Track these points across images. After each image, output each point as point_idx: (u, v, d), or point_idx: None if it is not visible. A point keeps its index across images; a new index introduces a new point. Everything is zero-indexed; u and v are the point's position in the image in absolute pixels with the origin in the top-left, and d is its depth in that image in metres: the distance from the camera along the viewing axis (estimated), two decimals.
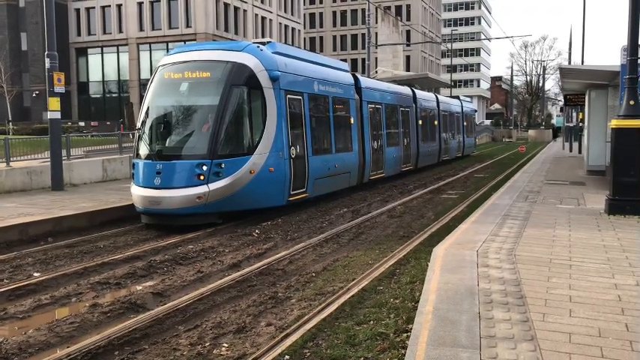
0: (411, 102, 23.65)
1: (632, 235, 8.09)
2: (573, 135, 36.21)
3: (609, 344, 4.17)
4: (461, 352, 4.02)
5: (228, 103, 11.42)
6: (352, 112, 16.84)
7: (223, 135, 11.35)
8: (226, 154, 11.30)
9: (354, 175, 16.81)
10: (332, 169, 15.02)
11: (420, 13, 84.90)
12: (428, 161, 25.93)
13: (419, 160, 24.13)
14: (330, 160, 15.04)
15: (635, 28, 9.60)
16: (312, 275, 7.83)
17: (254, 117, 12.06)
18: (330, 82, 15.53)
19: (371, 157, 17.95)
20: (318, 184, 14.15)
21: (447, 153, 29.50)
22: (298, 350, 5.12)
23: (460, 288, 5.52)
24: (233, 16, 56.52)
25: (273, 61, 12.61)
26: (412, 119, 23.46)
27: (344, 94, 16.45)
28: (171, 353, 5.24)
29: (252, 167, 11.57)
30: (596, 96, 17.98)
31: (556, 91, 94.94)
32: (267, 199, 12.20)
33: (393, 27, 58.54)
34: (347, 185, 16.35)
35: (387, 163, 19.71)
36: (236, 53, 12.02)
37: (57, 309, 6.68)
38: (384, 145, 19.47)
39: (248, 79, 11.80)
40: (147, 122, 12.04)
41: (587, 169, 18.41)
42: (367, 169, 17.73)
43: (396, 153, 21.01)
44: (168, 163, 11.18)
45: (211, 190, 10.95)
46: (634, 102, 9.58)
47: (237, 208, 11.68)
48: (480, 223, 9.09)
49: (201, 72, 11.78)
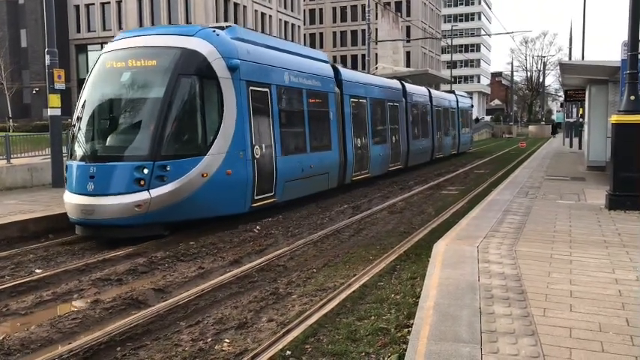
0: (401, 96, 22.19)
1: (632, 231, 8.10)
2: (573, 130, 36.19)
3: (610, 339, 4.18)
4: (462, 347, 4.03)
5: (175, 95, 9.98)
6: (331, 107, 15.43)
7: (169, 133, 9.90)
8: (172, 154, 9.86)
9: (334, 176, 15.39)
10: (307, 170, 13.58)
11: (419, 9, 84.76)
12: (420, 159, 24.47)
13: (409, 158, 22.60)
14: (305, 160, 13.61)
15: (636, 23, 9.58)
16: (313, 271, 7.84)
17: (208, 112, 10.54)
18: (305, 74, 14.05)
19: (354, 156, 16.53)
20: (289, 187, 12.74)
21: (440, 150, 28.10)
22: (300, 346, 5.13)
23: (461, 283, 5.53)
24: (233, 12, 56.46)
25: (232, 48, 11.11)
26: (402, 115, 21.98)
27: (321, 87, 14.96)
28: (173, 349, 5.26)
29: (205, 169, 10.13)
30: (597, 91, 17.96)
31: (556, 87, 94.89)
32: (225, 205, 10.76)
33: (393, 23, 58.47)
34: (325, 187, 14.93)
35: (373, 163, 18.20)
36: (187, 38, 10.58)
37: (59, 305, 6.69)
38: (369, 143, 17.96)
39: (200, 67, 10.36)
40: (82, 118, 10.50)
41: (588, 165, 18.40)
42: (349, 168, 16.24)
43: (383, 151, 19.48)
44: (103, 166, 9.72)
45: (153, 197, 9.51)
46: (634, 97, 9.57)
47: (188, 217, 10.25)
48: (481, 219, 9.09)
49: (146, 60, 10.29)
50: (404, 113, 22.25)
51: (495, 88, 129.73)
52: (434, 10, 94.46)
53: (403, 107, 22.18)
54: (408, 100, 22.91)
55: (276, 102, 12.45)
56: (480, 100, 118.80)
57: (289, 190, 12.81)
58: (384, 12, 58.10)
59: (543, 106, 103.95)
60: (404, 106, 22.28)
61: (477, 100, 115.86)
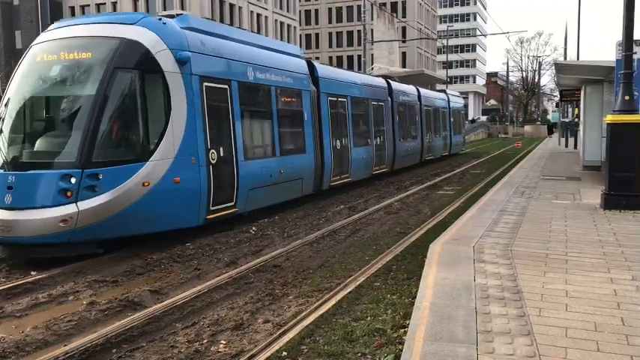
0: (386, 95, 20.86)
1: (627, 230, 8.13)
2: (569, 130, 36.31)
3: (605, 338, 4.19)
4: (458, 347, 4.03)
5: (110, 92, 8.74)
6: (306, 107, 14.13)
7: (102, 136, 8.63)
8: (106, 161, 8.59)
9: (309, 182, 14.19)
10: (276, 175, 12.34)
11: (415, 10, 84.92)
12: (407, 162, 23.21)
13: (396, 160, 21.43)
14: (274, 164, 12.39)
15: (630, 23, 9.62)
16: (309, 272, 7.84)
17: (151, 111, 9.25)
18: (274, 70, 12.72)
19: (332, 160, 15.32)
20: (255, 195, 11.49)
21: (430, 152, 26.89)
22: (296, 347, 5.12)
23: (457, 283, 5.53)
24: (228, 13, 56.43)
25: (182, 38, 9.84)
26: (387, 114, 20.71)
27: (294, 85, 13.63)
28: (169, 350, 5.25)
29: (147, 178, 8.86)
30: (592, 91, 18.02)
31: (552, 87, 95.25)
32: (172, 218, 9.46)
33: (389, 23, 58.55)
34: (299, 194, 13.74)
35: (355, 166, 16.98)
36: (127, 27, 9.30)
37: (54, 307, 6.66)
38: (350, 145, 16.73)
39: (141, 60, 9.11)
40: (5, 120, 9.19)
41: (583, 165, 18.46)
42: (327, 173, 15.08)
43: (367, 154, 18.23)
44: (23, 175, 8.37)
45: (82, 210, 8.19)
46: (629, 97, 9.61)
47: (127, 232, 8.94)
48: (477, 219, 9.11)
49: (80, 52, 8.99)
50: (390, 113, 21.07)
51: (491, 89, 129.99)
52: (429, 11, 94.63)
53: (389, 107, 21.00)
54: (395, 99, 21.80)
55: (237, 100, 11.09)
56: (475, 101, 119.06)
57: (255, 199, 11.59)
58: (379, 13, 58.17)
59: (539, 106, 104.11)
60: (390, 106, 21.12)
61: (473, 101, 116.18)
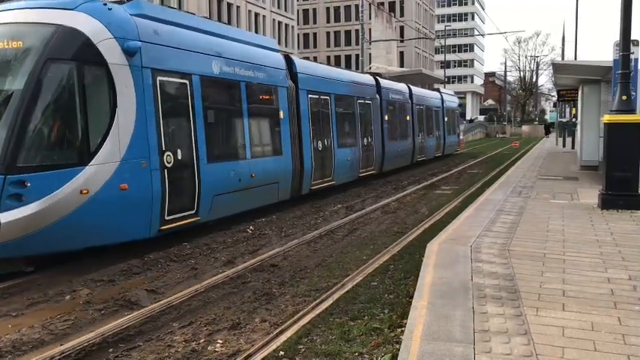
0: (374, 93, 19.74)
1: (624, 230, 8.13)
2: (566, 130, 36.36)
3: (602, 338, 4.19)
4: (455, 347, 4.03)
5: (42, 86, 7.71)
6: (282, 104, 12.97)
7: (30, 136, 7.58)
8: (35, 165, 7.55)
9: (286, 186, 13.05)
10: (246, 180, 11.20)
11: (413, 9, 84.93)
12: (398, 163, 22.09)
13: (385, 162, 20.27)
14: (243, 167, 11.26)
15: (628, 23, 9.63)
16: (306, 271, 7.83)
17: (92, 108, 8.16)
18: (245, 63, 11.54)
19: (312, 162, 14.26)
20: (220, 202, 10.36)
21: (422, 153, 25.85)
22: (293, 346, 5.12)
23: (454, 283, 5.53)
24: (226, 12, 56.36)
25: (131, 27, 8.71)
26: (375, 113, 19.57)
27: (268, 80, 12.39)
28: (166, 350, 5.24)
29: (86, 185, 7.78)
30: (589, 91, 18.04)
31: (549, 87, 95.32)
32: (118, 231, 8.39)
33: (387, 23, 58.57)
34: (274, 200, 12.62)
35: (339, 168, 15.86)
36: (65, 13, 8.18)
37: (50, 306, 6.64)
38: (333, 146, 15.59)
39: (80, 50, 8.02)
40: None
41: (581, 164, 18.47)
42: (306, 176, 14.00)
43: (352, 155, 17.07)
44: None
45: (4, 222, 7.12)
46: (626, 97, 9.62)
47: (61, 248, 7.95)
48: (474, 219, 9.11)
49: (9, 41, 7.96)
50: (378, 112, 20.00)
51: (489, 88, 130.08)
52: (427, 11, 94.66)
53: (377, 105, 19.92)
54: (384, 97, 20.70)
55: (199, 97, 9.95)
56: (473, 100, 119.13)
57: (221, 206, 10.46)
58: (377, 12, 58.18)
59: (536, 106, 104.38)
60: (378, 104, 20.00)
61: (471, 100, 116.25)
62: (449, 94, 34.63)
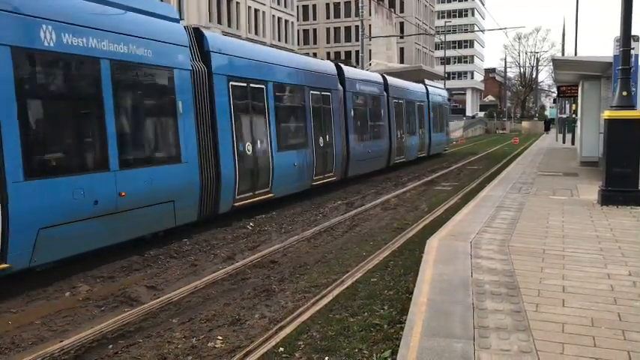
0: (335, 83, 16.56)
1: (624, 226, 8.13)
2: (566, 126, 36.32)
3: (602, 334, 4.18)
4: (455, 343, 4.03)
5: None
6: (181, 93, 9.70)
7: None
8: None
9: (188, 205, 9.75)
10: (108, 202, 7.92)
11: (413, 5, 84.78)
12: (368, 167, 18.93)
13: (350, 166, 17.19)
14: (101, 185, 7.89)
15: (628, 18, 9.60)
16: (306, 267, 7.83)
17: None
18: (108, 34, 8.19)
19: (236, 170, 11.05)
20: (54, 239, 7.22)
21: (402, 153, 22.69)
22: (292, 342, 5.12)
23: (454, 279, 5.52)
24: (226, 8, 56.26)
25: None
26: (337, 108, 16.44)
27: (155, 59, 9.10)
28: (165, 346, 5.24)
29: None
30: (589, 87, 18.01)
31: (549, 83, 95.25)
32: None
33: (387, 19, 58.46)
34: (169, 224, 9.42)
35: (280, 177, 12.65)
36: None
37: (50, 303, 6.64)
38: (270, 149, 12.41)
39: None
40: None
41: (581, 160, 18.46)
42: (226, 190, 10.75)
43: (301, 159, 13.92)
44: None
45: None
46: (627, 93, 9.59)
47: None
48: (474, 215, 9.10)
49: None
50: (341, 106, 16.80)
51: (489, 85, 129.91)
52: (427, 7, 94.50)
53: (340, 98, 16.75)
54: (349, 88, 17.48)
55: (13, 79, 6.79)
56: (473, 97, 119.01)
57: (58, 244, 7.31)
58: (377, 8, 58.06)
59: (536, 102, 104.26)
60: (341, 97, 16.86)
61: (471, 97, 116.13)
62: (436, 86, 31.53)
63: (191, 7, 51.95)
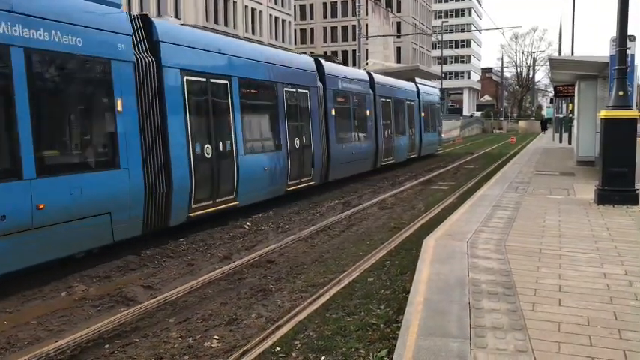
0: (314, 80, 15.29)
1: (620, 225, 8.14)
2: (563, 126, 36.37)
3: (598, 333, 4.19)
4: (451, 342, 4.03)
5: None
6: (120, 89, 8.41)
7: None
8: None
9: (130, 217, 8.57)
10: (21, 216, 6.78)
11: (410, 5, 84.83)
12: (352, 169, 17.71)
13: (331, 169, 15.98)
14: (11, 195, 6.73)
15: (624, 19, 9.62)
16: (303, 267, 7.83)
17: None
18: (31, 18, 7.09)
19: (192, 176, 9.75)
20: None
21: (390, 155, 21.46)
22: (289, 341, 5.12)
23: (450, 278, 5.53)
24: (223, 7, 56.21)
25: None
26: (316, 107, 15.18)
27: (91, 51, 7.96)
28: (162, 346, 5.23)
29: None
30: (586, 87, 18.04)
31: (546, 83, 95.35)
32: None
33: (384, 18, 58.47)
34: (105, 241, 8.23)
35: (246, 182, 11.30)
36: None
37: (46, 302, 6.62)
38: (235, 151, 11.04)
39: None
40: None
41: (577, 160, 18.49)
42: (179, 198, 9.45)
43: (273, 162, 12.63)
44: None
45: None
46: (623, 92, 9.61)
47: None
48: (471, 214, 9.11)
49: None
50: (320, 104, 15.51)
51: (486, 84, 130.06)
52: (424, 6, 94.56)
53: (319, 96, 15.47)
54: (330, 85, 16.26)
55: None
56: (470, 96, 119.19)
57: None
58: (374, 7, 58.07)
59: (533, 101, 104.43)
60: (320, 95, 15.59)
61: (468, 96, 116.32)
62: (427, 84, 30.02)
63: (188, 7, 51.92)
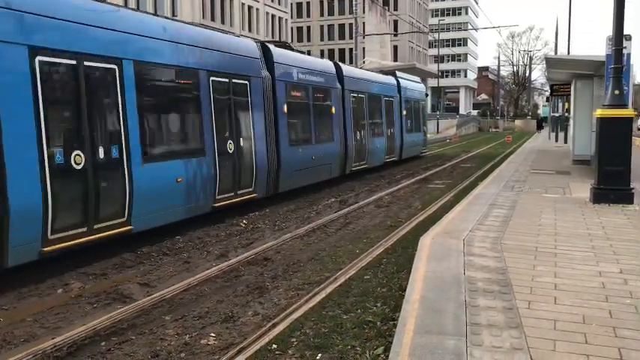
0: (257, 70, 12.42)
1: (616, 224, 8.17)
2: (559, 125, 36.44)
3: (593, 330, 4.21)
4: (447, 340, 4.04)
5: None
6: None
7: None
8: None
9: None
10: None
11: (407, 3, 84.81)
12: (311, 177, 14.96)
13: (283, 177, 13.23)
14: None
15: (621, 18, 9.64)
16: (299, 265, 7.83)
17: None
18: None
19: (51, 196, 7.20)
20: None
21: (362, 159, 18.52)
22: (285, 339, 5.12)
23: (447, 276, 5.54)
24: (219, 5, 56.11)
25: None
26: (260, 102, 12.38)
27: None
28: (158, 343, 5.23)
29: None
30: (582, 86, 18.08)
31: (542, 81, 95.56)
32: None
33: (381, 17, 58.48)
34: None
35: (146, 200, 8.75)
36: None
37: (42, 300, 6.61)
38: (128, 159, 8.46)
39: None
40: None
41: (573, 159, 18.54)
42: (24, 227, 6.90)
43: (191, 171, 9.91)
44: None
45: None
46: (619, 92, 9.64)
47: None
48: (467, 213, 9.12)
49: None
50: (267, 99, 12.72)
51: (482, 83, 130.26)
52: (421, 4, 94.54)
53: (263, 89, 12.59)
54: (279, 76, 13.35)
55: None
56: (467, 95, 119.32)
57: None
58: (371, 6, 58.06)
59: (529, 100, 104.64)
60: (267, 87, 12.77)
61: (464, 95, 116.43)
62: (411, 79, 26.74)
63: (185, 3, 51.80)
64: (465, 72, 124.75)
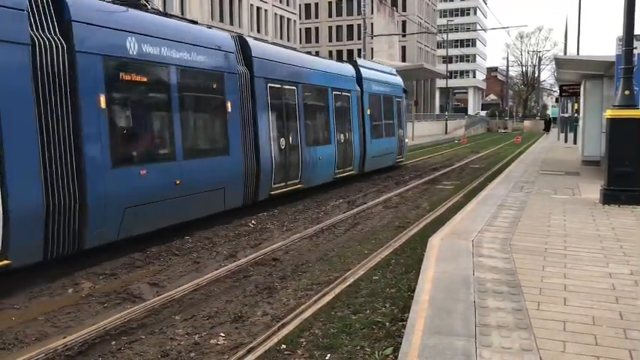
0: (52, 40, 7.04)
1: (626, 225, 8.13)
2: (568, 125, 36.24)
3: (603, 332, 4.20)
4: (456, 341, 4.04)
5: None
6: None
7: None
8: None
9: None
10: None
11: (415, 4, 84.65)
12: (195, 209, 9.86)
13: (128, 218, 8.25)
14: None
15: (631, 18, 9.60)
16: (308, 265, 7.85)
17: None
18: None
19: None
20: None
21: (291, 177, 13.14)
22: (295, 339, 5.14)
23: (456, 277, 5.54)
24: (228, 6, 56.28)
25: None
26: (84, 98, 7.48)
27: None
28: (168, 343, 5.26)
29: None
30: (592, 86, 18.00)
31: (551, 82, 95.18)
32: None
33: (389, 17, 58.44)
34: None
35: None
36: None
37: (53, 299, 6.67)
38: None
39: None
40: None
41: (582, 160, 18.45)
42: None
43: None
44: None
45: None
46: (629, 92, 9.60)
47: None
48: (476, 213, 9.11)
49: None
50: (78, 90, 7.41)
51: (491, 83, 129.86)
52: (430, 5, 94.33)
53: (92, 78, 7.64)
54: (109, 51, 7.95)
55: None
56: (475, 95, 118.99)
57: None
58: (379, 6, 58.03)
59: (538, 101, 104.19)
60: (87, 72, 7.57)
61: (473, 95, 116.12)
62: (380, 70, 21.05)
63: (193, 4, 51.97)
64: (473, 72, 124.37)
